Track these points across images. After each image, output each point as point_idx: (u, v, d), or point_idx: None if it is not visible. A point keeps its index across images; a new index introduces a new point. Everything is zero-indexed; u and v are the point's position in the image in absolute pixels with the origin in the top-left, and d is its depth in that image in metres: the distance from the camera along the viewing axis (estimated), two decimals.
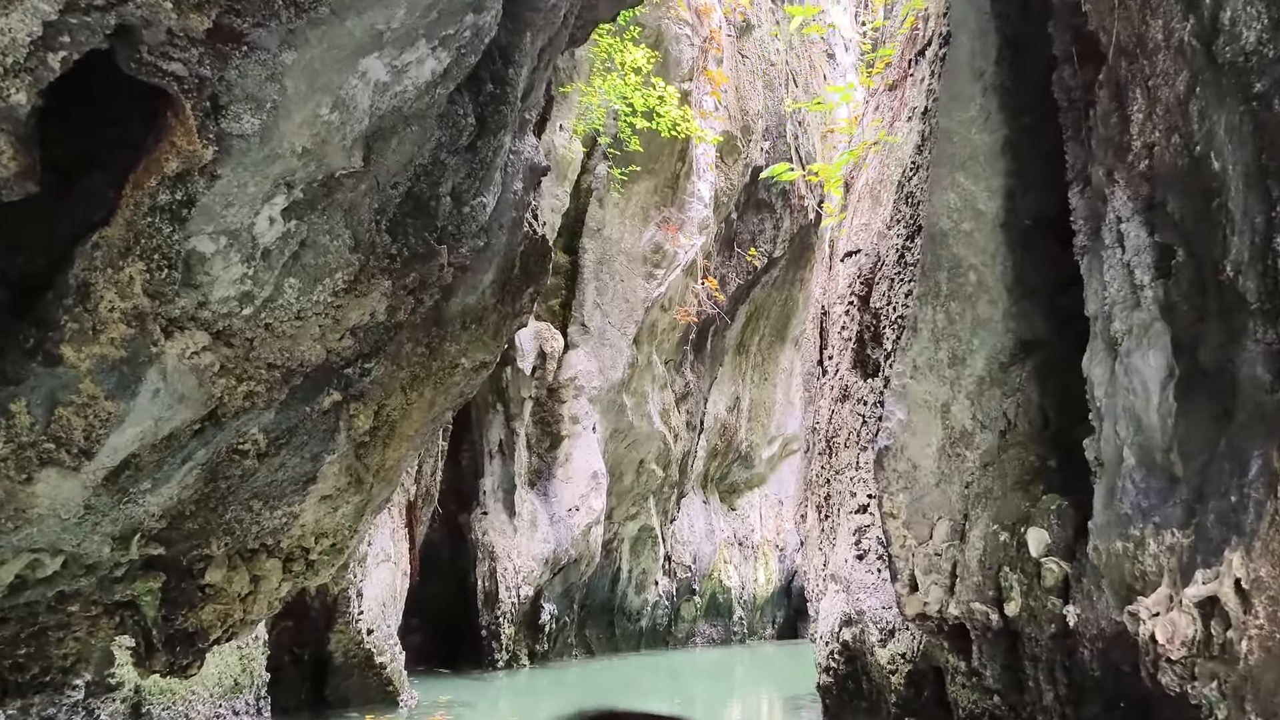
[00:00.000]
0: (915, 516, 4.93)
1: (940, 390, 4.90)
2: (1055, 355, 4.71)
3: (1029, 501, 4.44)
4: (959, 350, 4.89)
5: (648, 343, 18.50)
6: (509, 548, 16.66)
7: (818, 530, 11.03)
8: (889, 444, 5.04)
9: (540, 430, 17.23)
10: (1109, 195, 4.03)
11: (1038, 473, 4.54)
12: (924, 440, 4.93)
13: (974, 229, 4.82)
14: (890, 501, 5.00)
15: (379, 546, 11.32)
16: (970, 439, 4.81)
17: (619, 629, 19.93)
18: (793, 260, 22.58)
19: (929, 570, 4.89)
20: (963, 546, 4.71)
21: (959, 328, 4.88)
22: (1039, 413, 4.67)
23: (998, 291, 4.81)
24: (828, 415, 9.21)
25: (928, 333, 4.96)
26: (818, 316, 13.29)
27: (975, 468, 4.77)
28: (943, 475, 4.89)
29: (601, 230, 17.62)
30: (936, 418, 4.92)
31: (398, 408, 6.23)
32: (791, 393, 24.09)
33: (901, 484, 4.96)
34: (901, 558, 4.99)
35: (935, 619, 4.91)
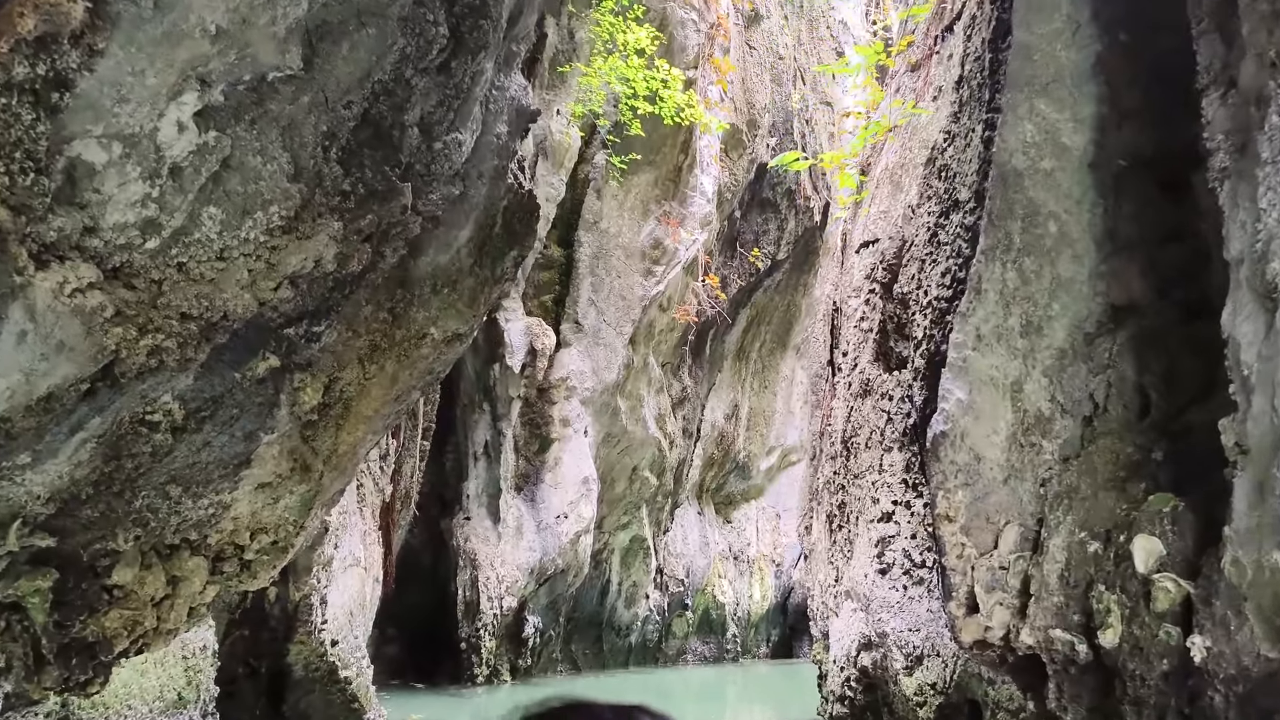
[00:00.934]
0: (977, 520, 4.04)
1: (1010, 365, 4.00)
2: (1156, 323, 3.83)
3: (1127, 503, 3.55)
4: (1034, 316, 4.00)
5: (644, 343, 17.58)
6: (492, 555, 15.69)
7: (827, 542, 10.11)
8: (946, 429, 4.14)
9: (529, 432, 16.29)
10: (1271, 93, 3.16)
11: (1137, 467, 3.64)
12: (989, 425, 4.03)
13: (1056, 168, 3.94)
14: (946, 501, 4.11)
15: (347, 550, 10.36)
16: (1048, 425, 3.91)
17: (607, 644, 18.95)
18: (796, 264, 21.71)
19: (992, 587, 3.98)
20: (1038, 559, 3.81)
21: (1034, 289, 3.99)
22: (1136, 394, 3.78)
23: (1084, 245, 3.92)
24: (844, 414, 8.30)
25: (995, 295, 4.07)
26: (828, 313, 12.39)
27: (1054, 461, 3.87)
28: (1012, 470, 3.99)
29: (599, 223, 16.73)
30: (1005, 398, 4.03)
31: (353, 382, 5.30)
32: (792, 402, 23.19)
33: (961, 479, 4.07)
34: (958, 571, 4.09)
35: (998, 648, 4.02)
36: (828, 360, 12.21)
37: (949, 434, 4.11)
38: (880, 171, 10.72)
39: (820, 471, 12.28)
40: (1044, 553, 3.76)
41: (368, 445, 5.83)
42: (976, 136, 6.36)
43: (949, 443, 4.10)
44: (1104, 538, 3.55)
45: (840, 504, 8.51)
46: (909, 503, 6.66)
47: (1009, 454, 3.99)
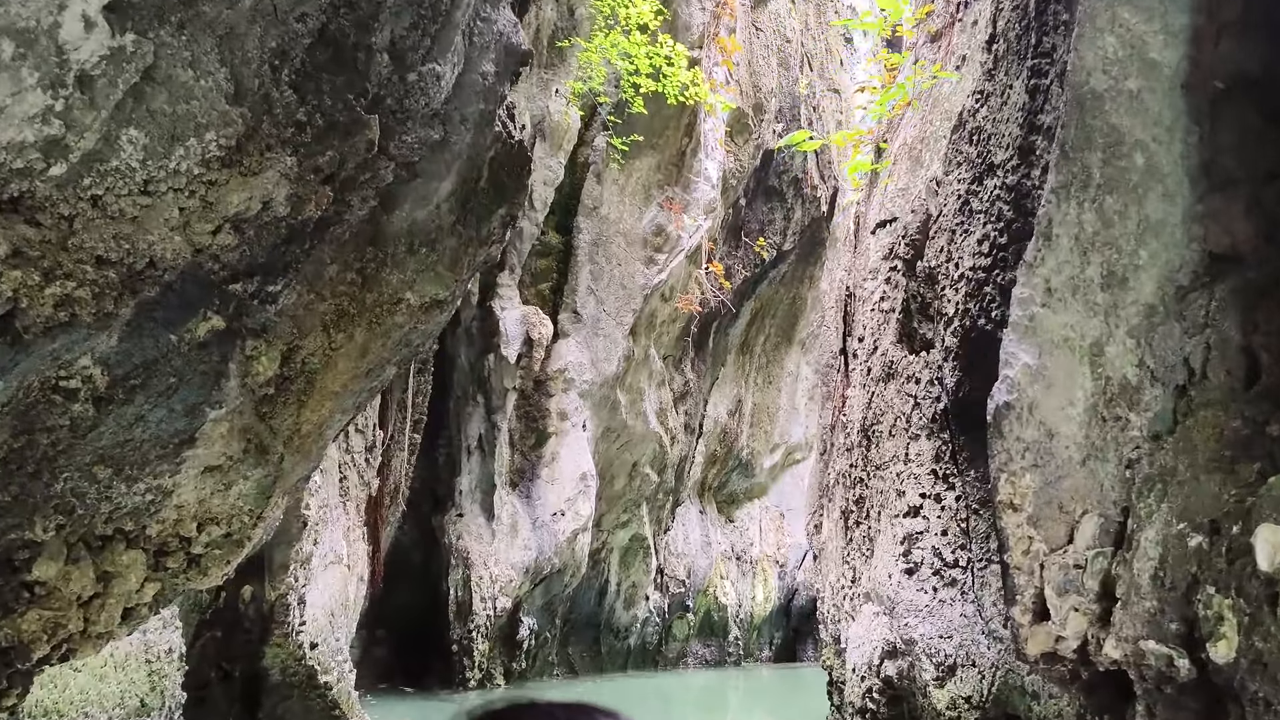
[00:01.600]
0: (1048, 509, 3.39)
1: (1089, 323, 3.36)
2: (1263, 274, 3.19)
3: (1237, 487, 2.92)
4: (1117, 266, 3.36)
5: (645, 335, 16.94)
6: (485, 554, 15.05)
7: (841, 540, 9.46)
8: (1011, 400, 3.48)
9: (524, 426, 15.65)
10: None
11: (1246, 444, 3.02)
12: (1064, 395, 3.39)
13: (1143, 88, 3.31)
14: (1011, 486, 3.46)
15: (328, 546, 9.72)
16: (1135, 395, 3.27)
17: (605, 647, 18.30)
18: (803, 255, 21.07)
19: (1066, 589, 3.34)
20: (1124, 555, 3.18)
21: (1118, 233, 3.35)
22: (1242, 357, 3.15)
23: (1176, 181, 3.28)
24: (864, 401, 7.66)
25: (1069, 241, 3.43)
26: (840, 299, 11.75)
27: (1143, 438, 3.23)
28: (1092, 448, 3.34)
29: (598, 209, 16.09)
30: (1083, 363, 3.38)
31: (317, 353, 4.66)
32: (796, 398, 22.56)
33: (1029, 459, 3.42)
34: (1023, 570, 3.45)
35: (1072, 661, 3.37)
36: (840, 348, 11.56)
37: (1015, 406, 3.48)
38: (898, 148, 10.08)
39: (832, 465, 11.63)
40: (1132, 548, 3.13)
41: (336, 426, 5.18)
42: (1018, 89, 5.72)
43: (1014, 416, 3.46)
44: (1209, 529, 2.92)
45: (858, 498, 7.86)
46: (939, 496, 6.03)
47: (1088, 429, 3.35)
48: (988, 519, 5.67)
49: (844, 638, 8.60)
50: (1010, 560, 3.55)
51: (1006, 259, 5.31)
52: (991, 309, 5.40)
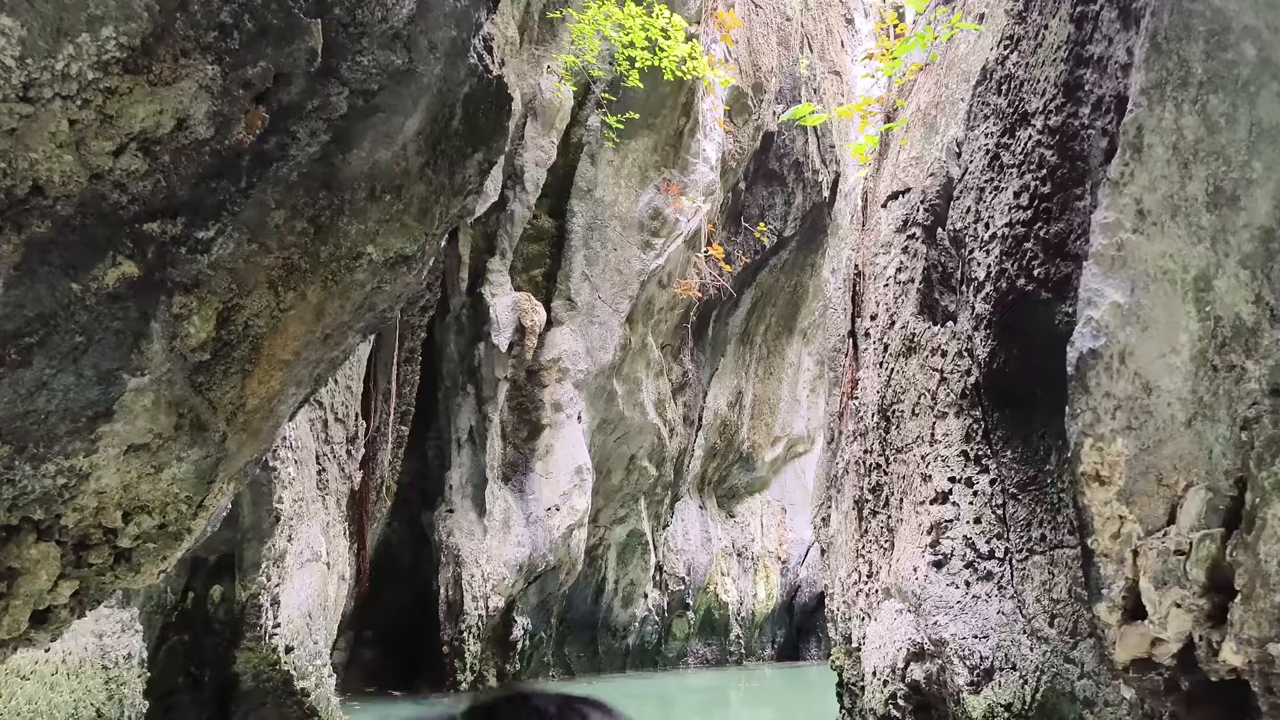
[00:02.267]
0: (1144, 481, 2.76)
1: (1192, 251, 2.74)
2: None
3: None
4: (1226, 180, 2.73)
5: (643, 323, 16.31)
6: (477, 551, 14.42)
7: (854, 532, 8.84)
8: (1097, 347, 2.85)
9: (517, 417, 15.02)
10: None
11: None
12: (1164, 341, 2.75)
13: None
14: (1097, 453, 2.83)
15: (305, 543, 9.08)
16: (1252, 339, 2.64)
17: (602, 647, 17.69)
18: (804, 242, 20.45)
19: (1165, 579, 2.71)
20: (1245, 537, 2.57)
21: (1224, 140, 2.74)
22: None
23: None
24: (880, 381, 7.04)
25: (1165, 151, 2.80)
26: (848, 278, 11.13)
27: (1262, 392, 2.61)
28: (1200, 406, 2.71)
29: (593, 191, 15.46)
30: (1187, 300, 2.75)
31: (263, 313, 4.02)
32: (798, 390, 21.95)
33: (1120, 420, 2.79)
34: (1112, 557, 2.82)
35: (1168, 669, 2.77)
36: (848, 330, 10.94)
37: (1102, 354, 2.84)
38: (910, 114, 9.46)
39: (841, 454, 11.02)
40: (1253, 528, 2.53)
41: (291, 401, 4.54)
42: (1057, 25, 5.10)
43: (1102, 367, 2.83)
44: None
45: (874, 486, 7.25)
46: (971, 479, 5.42)
47: (1194, 382, 2.72)
48: (1027, 504, 5.05)
49: (859, 637, 7.98)
50: (1095, 546, 2.92)
51: (1051, 210, 4.69)
52: (1033, 267, 4.78)
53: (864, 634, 6.84)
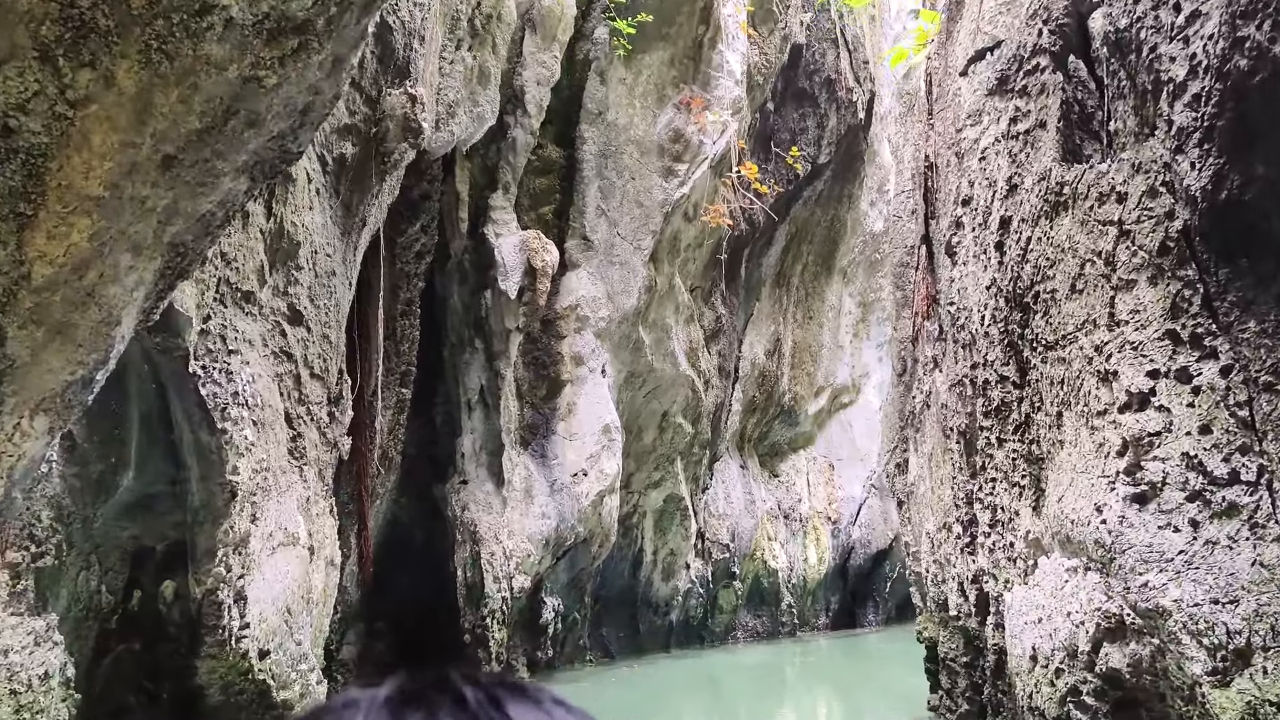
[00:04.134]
0: None
1: None
2: None
3: None
4: None
5: (669, 261, 14.52)
6: (496, 526, 12.76)
7: (951, 473, 7.06)
8: None
9: (533, 374, 13.31)
10: None
11: None
12: None
13: None
14: None
15: (275, 523, 7.40)
16: None
17: (643, 625, 16.03)
18: (839, 171, 18.54)
19: None
20: None
21: None
22: None
23: None
24: (1008, 263, 5.22)
25: None
26: (917, 174, 9.27)
27: None
28: None
29: (604, 114, 13.63)
30: None
31: (36, 105, 2.26)
32: (840, 334, 20.11)
33: None
34: None
35: None
36: (920, 236, 9.11)
37: None
38: None
39: (919, 385, 9.21)
40: None
41: (130, 281, 2.78)
42: None
43: None
44: None
45: (995, 407, 5.46)
46: (1186, 371, 3.66)
47: None
48: None
49: (965, 604, 6.22)
50: None
51: None
52: None
53: (1005, 602, 5.06)
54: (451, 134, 11.28)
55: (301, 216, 8.01)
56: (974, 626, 7.60)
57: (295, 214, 7.90)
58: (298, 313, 8.14)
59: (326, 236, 8.62)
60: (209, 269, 6.58)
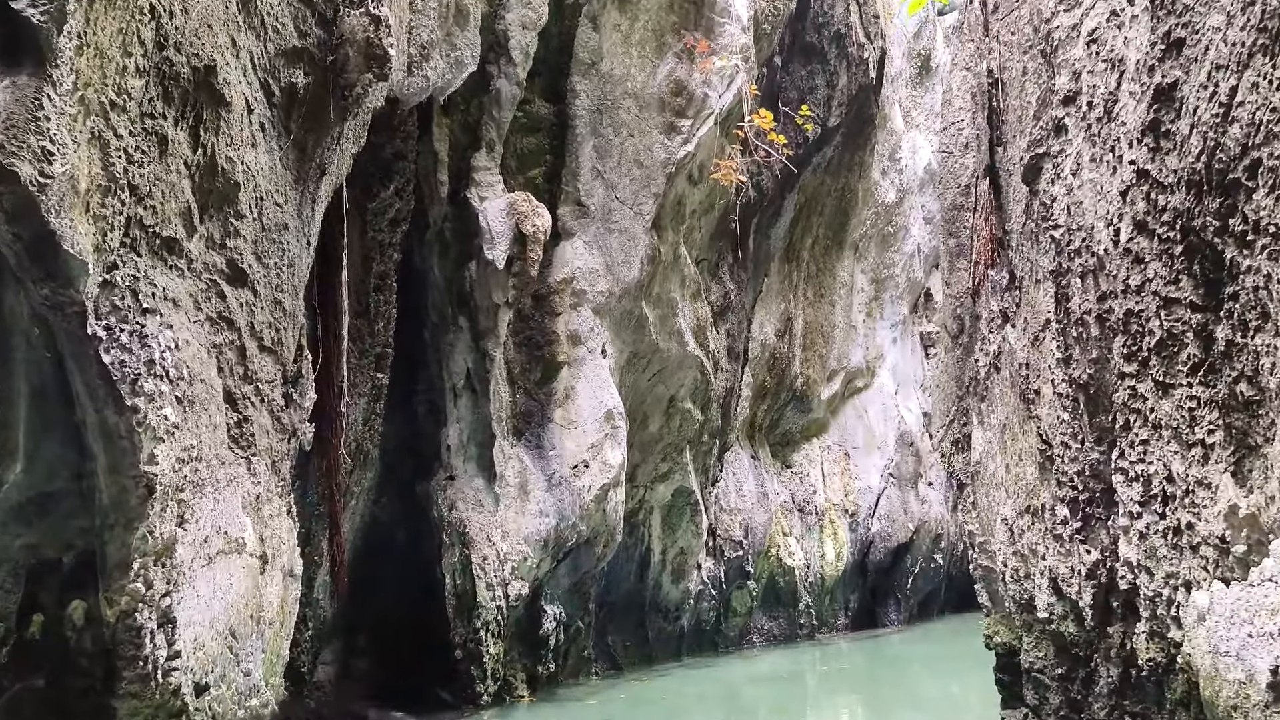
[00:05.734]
0: None
1: None
2: None
3: None
4: None
5: (673, 229, 13.11)
6: (488, 526, 11.33)
7: (1039, 438, 5.67)
8: None
9: (526, 355, 11.89)
10: None
11: None
12: None
13: None
14: None
15: (214, 525, 5.97)
16: None
17: (652, 631, 14.62)
18: (850, 136, 17.16)
19: None
20: None
21: None
22: None
23: None
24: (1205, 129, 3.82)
25: None
26: (980, 93, 7.88)
27: None
28: None
29: (598, 64, 12.22)
30: None
31: None
32: (853, 314, 18.74)
33: None
34: None
35: None
36: (985, 167, 7.72)
37: None
38: None
39: (985, 346, 7.82)
40: None
41: None
42: None
43: None
44: None
45: (1157, 343, 4.08)
46: None
47: None
48: None
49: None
50: None
51: None
52: None
53: (1191, 605, 3.67)
54: (426, 79, 9.85)
55: (241, 153, 6.57)
56: (1079, 632, 6.21)
57: (232, 148, 6.46)
58: (240, 271, 6.71)
59: (275, 182, 7.19)
60: (110, 201, 5.14)
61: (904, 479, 19.58)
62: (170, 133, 5.81)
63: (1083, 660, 6.36)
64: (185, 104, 5.95)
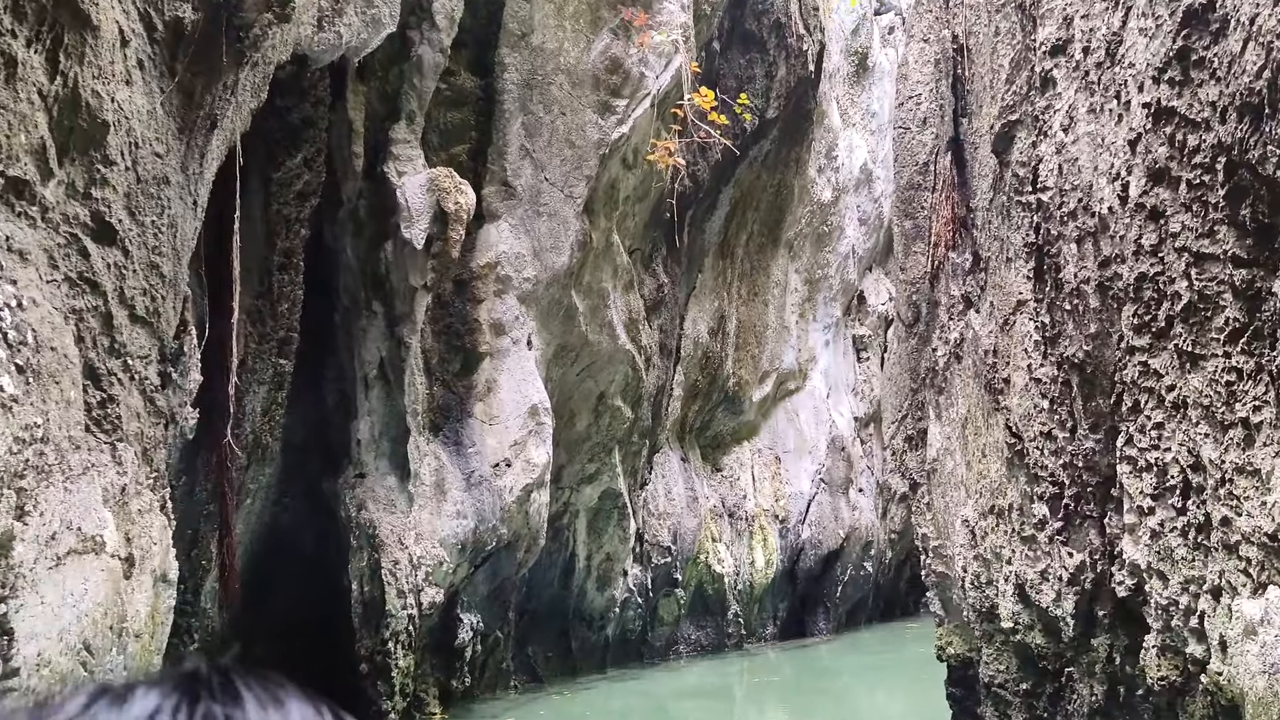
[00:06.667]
0: None
1: None
2: None
3: None
4: None
5: (605, 215, 12.39)
6: (401, 528, 10.45)
7: (1008, 431, 5.08)
8: None
9: (445, 344, 11.04)
10: None
11: None
12: None
13: None
14: None
15: (64, 520, 5.04)
16: None
17: (575, 642, 13.84)
18: (787, 131, 16.67)
19: None
20: None
21: None
22: None
23: None
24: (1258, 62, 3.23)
25: None
26: (945, 61, 7.31)
27: None
28: None
29: (529, 37, 11.46)
30: None
31: None
32: (786, 314, 18.23)
33: None
34: None
35: None
36: (949, 140, 7.15)
37: None
38: None
39: (945, 333, 7.25)
40: None
41: None
42: None
43: None
44: None
45: (1182, 308, 3.48)
46: None
47: None
48: None
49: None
50: None
51: None
52: None
53: (1249, 619, 3.04)
54: (339, 36, 8.98)
55: (112, 88, 5.67)
56: (1048, 643, 5.65)
57: (101, 82, 5.56)
58: (108, 227, 5.79)
59: (155, 129, 6.28)
60: None
61: (835, 484, 19.14)
62: (21, 54, 4.90)
63: (1052, 675, 5.80)
64: (41, 22, 5.05)
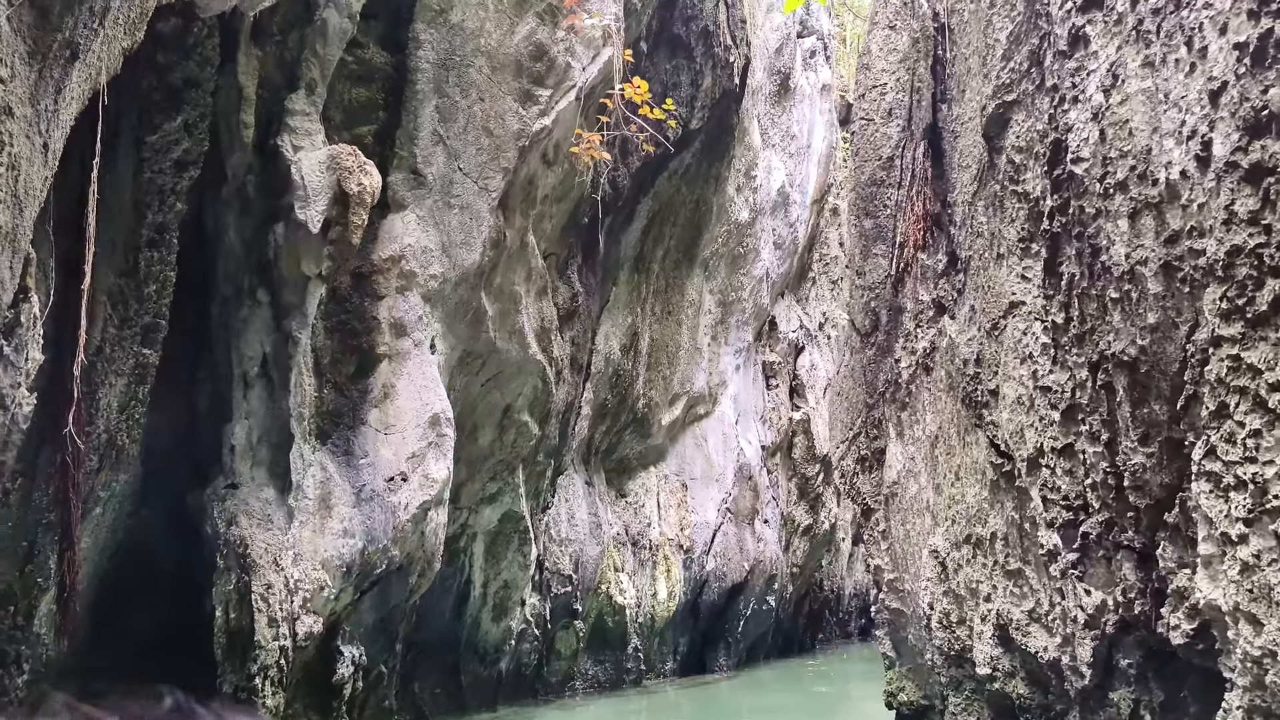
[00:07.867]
0: None
1: None
2: None
3: None
4: None
5: (521, 213, 11.46)
6: (277, 547, 9.24)
7: (997, 448, 4.38)
8: None
9: (339, 343, 9.90)
10: None
11: None
12: None
13: None
14: None
15: None
16: None
17: (466, 677, 12.69)
18: (708, 145, 16.08)
19: None
20: None
21: None
22: None
23: None
24: None
25: None
26: (924, 41, 6.67)
27: None
28: None
29: (448, 14, 10.51)
30: None
31: None
32: (699, 335, 17.55)
33: None
34: None
35: None
36: (925, 127, 6.50)
37: None
38: None
39: (911, 342, 6.56)
40: None
41: None
42: None
43: None
44: None
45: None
46: None
47: None
48: None
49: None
50: None
51: None
52: None
53: None
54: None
55: None
56: (1032, 694, 4.94)
57: None
58: None
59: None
60: None
61: (741, 515, 18.49)
62: None
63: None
64: None
